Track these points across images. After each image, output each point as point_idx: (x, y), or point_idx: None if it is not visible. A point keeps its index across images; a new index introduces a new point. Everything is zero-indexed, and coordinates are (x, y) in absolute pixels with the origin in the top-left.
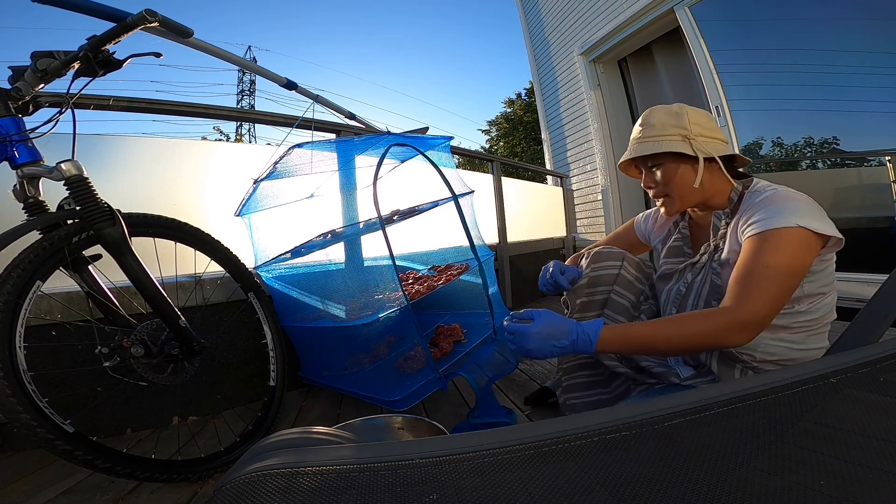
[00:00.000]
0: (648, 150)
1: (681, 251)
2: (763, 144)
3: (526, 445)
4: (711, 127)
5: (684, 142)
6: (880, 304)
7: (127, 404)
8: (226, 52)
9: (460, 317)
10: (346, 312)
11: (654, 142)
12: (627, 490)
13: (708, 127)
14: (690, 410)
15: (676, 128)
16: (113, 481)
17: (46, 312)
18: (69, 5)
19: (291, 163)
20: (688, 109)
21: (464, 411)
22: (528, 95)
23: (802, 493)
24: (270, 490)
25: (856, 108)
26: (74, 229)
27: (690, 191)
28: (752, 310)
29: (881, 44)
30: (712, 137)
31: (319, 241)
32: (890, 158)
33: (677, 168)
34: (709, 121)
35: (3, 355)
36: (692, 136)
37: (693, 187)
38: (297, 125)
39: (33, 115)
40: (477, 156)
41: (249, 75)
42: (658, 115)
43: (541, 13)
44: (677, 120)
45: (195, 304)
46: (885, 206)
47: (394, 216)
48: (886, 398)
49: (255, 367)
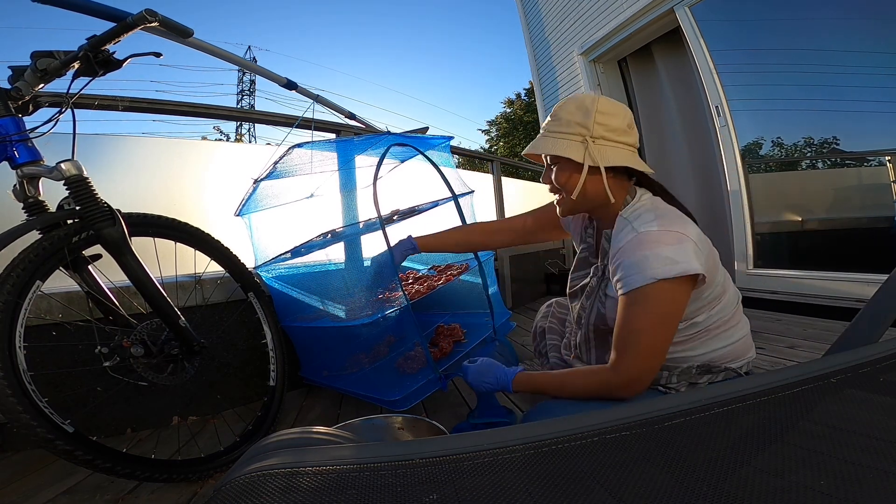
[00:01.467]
0: (541, 149)
1: (587, 262)
2: (763, 144)
3: (526, 445)
4: (621, 129)
5: (581, 144)
6: (880, 304)
7: (127, 404)
8: (226, 52)
9: (460, 317)
10: (346, 312)
11: (552, 139)
12: (627, 490)
13: (616, 129)
14: (690, 410)
15: (580, 126)
16: (113, 481)
17: (46, 312)
18: (69, 5)
19: (291, 163)
20: (600, 105)
21: (464, 411)
22: (528, 95)
23: (802, 493)
24: (270, 490)
25: (856, 108)
26: (74, 229)
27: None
28: (628, 371)
29: (881, 44)
30: (616, 142)
31: (319, 241)
32: (890, 158)
33: (570, 173)
34: (621, 121)
35: (3, 355)
36: (593, 137)
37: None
38: (297, 125)
39: (33, 114)
40: (477, 156)
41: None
42: (568, 108)
43: (541, 13)
44: (583, 117)
45: (195, 304)
46: (885, 206)
47: (394, 216)
48: (886, 398)
49: (255, 367)
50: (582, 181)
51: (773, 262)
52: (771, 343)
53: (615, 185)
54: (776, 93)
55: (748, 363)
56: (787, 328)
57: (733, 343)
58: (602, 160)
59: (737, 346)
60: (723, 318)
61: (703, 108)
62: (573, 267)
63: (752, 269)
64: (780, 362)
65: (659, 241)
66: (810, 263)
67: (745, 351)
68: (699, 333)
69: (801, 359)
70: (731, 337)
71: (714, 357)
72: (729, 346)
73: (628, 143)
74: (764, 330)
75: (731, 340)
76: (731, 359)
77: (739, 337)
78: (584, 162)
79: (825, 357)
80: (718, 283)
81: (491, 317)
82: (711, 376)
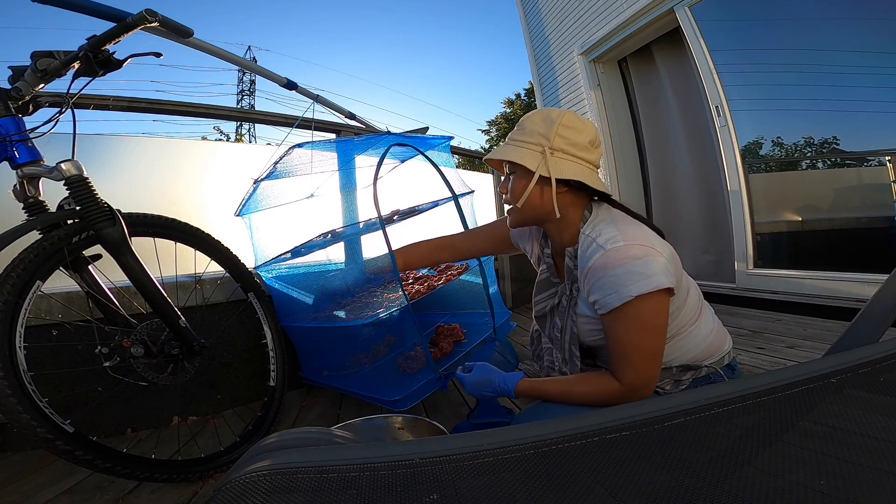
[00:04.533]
0: (499, 154)
1: (549, 283)
2: (763, 144)
3: (526, 445)
4: (581, 145)
5: (539, 154)
6: (880, 304)
7: (127, 404)
8: (226, 52)
9: (460, 317)
10: (346, 312)
11: (513, 147)
12: (627, 490)
13: (576, 144)
14: (690, 410)
15: (541, 136)
16: (113, 481)
17: (46, 312)
18: (69, 5)
19: (291, 163)
20: (565, 119)
21: (464, 411)
22: (527, 95)
23: (802, 493)
24: (270, 490)
25: (856, 108)
26: (74, 229)
27: (525, 207)
28: (632, 382)
29: (881, 44)
30: (574, 156)
31: (319, 241)
32: (890, 158)
33: (526, 182)
34: (583, 137)
35: (3, 355)
36: (552, 148)
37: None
38: (297, 125)
39: (33, 115)
40: (477, 156)
41: (249, 75)
42: (534, 119)
43: (541, 13)
44: (546, 128)
45: (195, 304)
46: (885, 206)
47: (394, 216)
48: (886, 398)
49: (255, 367)
50: (530, 188)
51: (773, 262)
52: (771, 343)
53: (570, 200)
54: (776, 93)
55: (728, 353)
56: (787, 328)
57: (704, 339)
58: (555, 172)
59: (709, 341)
60: (687, 320)
61: (703, 108)
62: (535, 290)
63: (753, 269)
64: (780, 362)
65: (627, 257)
66: (810, 263)
67: (720, 343)
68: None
69: (801, 359)
70: (698, 335)
71: (690, 357)
72: (700, 343)
73: (588, 161)
74: (764, 330)
75: (700, 338)
76: (707, 355)
77: (708, 332)
78: (536, 171)
79: (825, 357)
80: (683, 287)
81: (491, 317)
82: (694, 372)
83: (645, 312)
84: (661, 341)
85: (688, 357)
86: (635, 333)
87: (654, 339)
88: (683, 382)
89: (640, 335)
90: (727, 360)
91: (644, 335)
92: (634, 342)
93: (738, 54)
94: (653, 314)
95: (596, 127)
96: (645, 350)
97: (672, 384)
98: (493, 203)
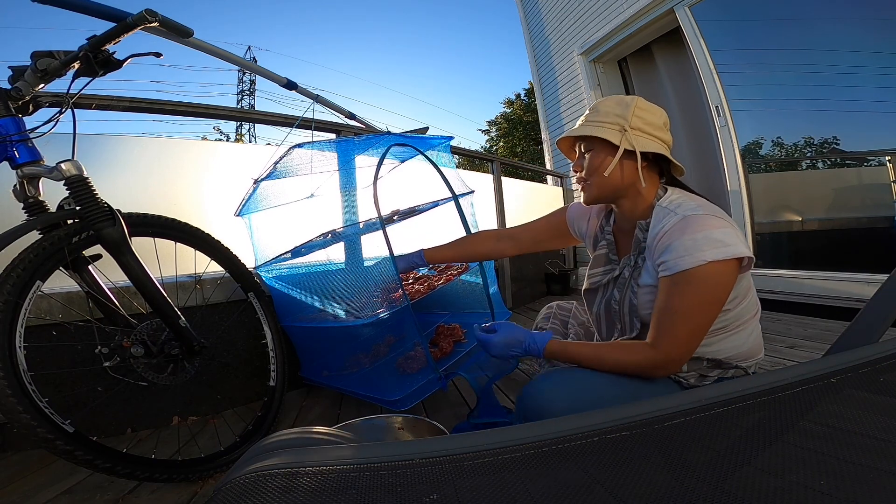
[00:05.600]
0: (580, 131)
1: (607, 259)
2: (763, 144)
3: (526, 445)
4: (657, 125)
5: (619, 132)
6: (880, 304)
7: (127, 404)
8: (226, 52)
9: (460, 317)
10: (346, 312)
11: (591, 126)
12: (627, 490)
13: (653, 124)
14: (690, 410)
15: (618, 117)
16: (113, 481)
17: (46, 312)
18: (69, 5)
19: (292, 163)
20: (639, 103)
21: (464, 411)
22: (527, 95)
23: (802, 493)
24: (270, 490)
25: (856, 108)
26: (74, 229)
27: (606, 180)
28: (667, 351)
29: (881, 44)
30: (651, 135)
31: (319, 241)
32: (890, 158)
33: (605, 157)
34: (658, 118)
35: (3, 355)
36: (629, 127)
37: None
38: (297, 125)
39: (33, 115)
40: (477, 156)
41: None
42: (607, 103)
43: (541, 13)
44: (622, 110)
45: (195, 304)
46: (885, 206)
47: (394, 216)
48: (886, 398)
49: (255, 367)
50: (616, 160)
51: (773, 262)
52: (771, 343)
53: (647, 175)
54: (776, 93)
55: (756, 363)
56: (787, 328)
57: (746, 342)
58: (638, 146)
59: (749, 344)
60: (742, 317)
61: (703, 108)
62: (591, 265)
63: (753, 269)
64: (780, 362)
65: (707, 225)
66: (810, 263)
67: (756, 351)
68: (717, 331)
69: (801, 359)
70: (746, 337)
71: (727, 354)
72: (742, 344)
73: (664, 140)
74: (764, 330)
75: (744, 340)
76: (742, 358)
77: (754, 337)
78: (620, 144)
79: (825, 357)
80: (748, 277)
81: (491, 317)
82: (721, 371)
83: (712, 281)
84: (711, 318)
85: (726, 353)
86: (691, 302)
87: (706, 314)
88: (708, 379)
89: (696, 305)
90: (753, 368)
91: (700, 307)
92: (686, 310)
93: (738, 54)
94: (718, 284)
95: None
96: (693, 322)
97: (697, 378)
98: (493, 203)
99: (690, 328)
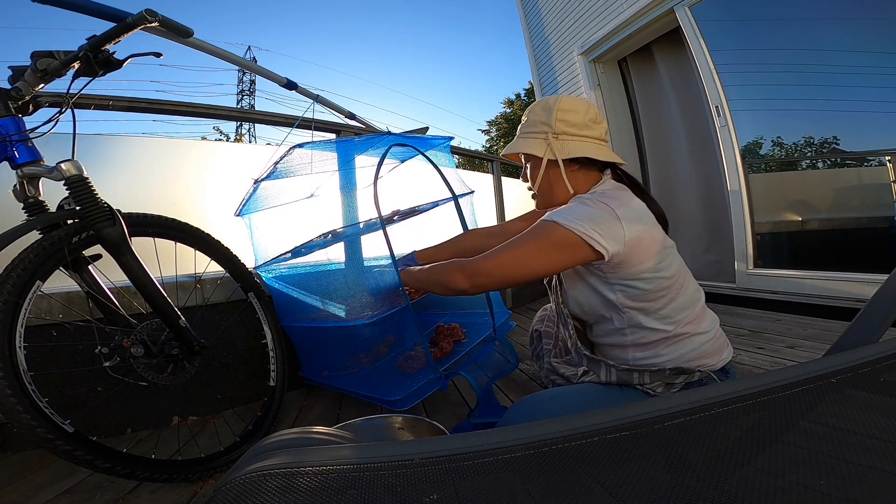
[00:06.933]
0: (511, 148)
1: None
2: (763, 144)
3: (526, 445)
4: (581, 124)
5: (544, 141)
6: (880, 304)
7: (127, 404)
8: (226, 52)
9: (460, 317)
10: (347, 312)
11: (521, 139)
12: (627, 490)
13: (577, 124)
14: (690, 410)
15: (543, 125)
16: (113, 481)
17: (46, 312)
18: (69, 5)
19: (292, 163)
20: (561, 104)
21: (464, 411)
22: (527, 95)
23: (802, 493)
24: (270, 490)
25: (856, 108)
26: (74, 229)
27: (541, 189)
28: (475, 266)
29: (881, 44)
30: (577, 136)
31: (319, 241)
32: (890, 158)
33: (537, 168)
34: (581, 116)
35: (3, 355)
36: (555, 133)
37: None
38: (297, 125)
39: (33, 115)
40: (477, 156)
41: (249, 75)
42: (535, 110)
43: (541, 13)
44: (546, 116)
45: (195, 304)
46: (885, 206)
47: (394, 216)
48: (886, 398)
49: (255, 367)
50: (540, 174)
51: (773, 262)
52: (771, 343)
53: (583, 176)
54: (776, 93)
55: (726, 360)
56: (787, 328)
57: (702, 344)
58: (560, 153)
59: (707, 347)
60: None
61: (703, 108)
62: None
63: (753, 269)
64: (780, 362)
65: (584, 203)
66: (810, 263)
67: (717, 350)
68: (662, 341)
69: (801, 359)
70: (695, 341)
71: (684, 360)
72: (697, 347)
73: (592, 137)
74: (764, 330)
75: (698, 342)
76: (701, 360)
77: (708, 338)
78: (544, 156)
79: (825, 357)
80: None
81: (491, 316)
82: (686, 376)
83: (548, 239)
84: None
85: (682, 360)
86: (522, 243)
87: (524, 261)
88: (675, 386)
89: (524, 248)
90: (721, 365)
91: (525, 251)
92: (514, 246)
93: (738, 54)
94: (550, 246)
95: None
96: (509, 259)
97: (664, 387)
98: (493, 203)
99: (502, 261)
